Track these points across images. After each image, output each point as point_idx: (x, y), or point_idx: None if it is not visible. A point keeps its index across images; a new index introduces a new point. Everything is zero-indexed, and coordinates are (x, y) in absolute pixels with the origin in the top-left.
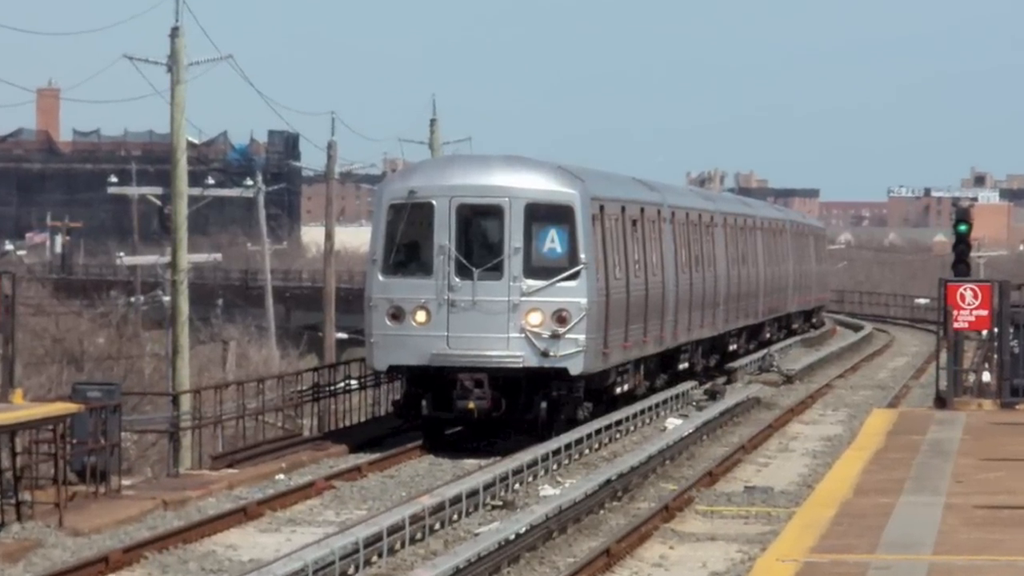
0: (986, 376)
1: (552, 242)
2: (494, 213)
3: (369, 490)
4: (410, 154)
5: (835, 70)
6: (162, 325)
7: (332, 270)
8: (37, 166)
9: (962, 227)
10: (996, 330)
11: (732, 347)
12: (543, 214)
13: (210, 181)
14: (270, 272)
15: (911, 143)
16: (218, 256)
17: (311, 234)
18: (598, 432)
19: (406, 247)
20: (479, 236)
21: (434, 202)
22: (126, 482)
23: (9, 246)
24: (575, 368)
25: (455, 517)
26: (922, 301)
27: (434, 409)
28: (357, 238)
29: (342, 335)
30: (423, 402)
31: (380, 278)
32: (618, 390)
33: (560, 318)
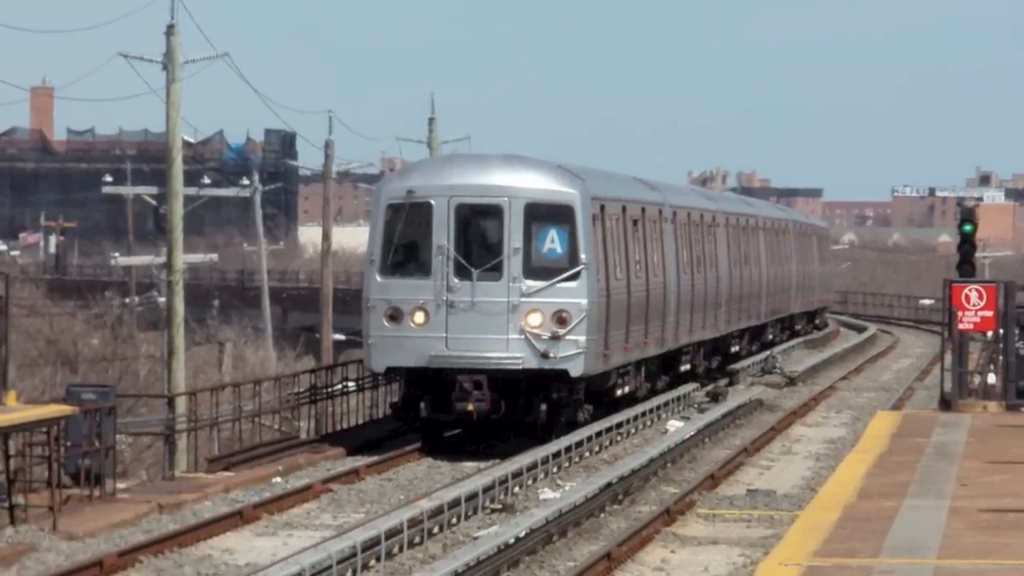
0: (991, 378)
1: (552, 242)
2: (493, 213)
3: (367, 493)
4: (408, 153)
5: (839, 69)
6: (157, 326)
7: (329, 270)
8: (31, 165)
9: (967, 227)
10: (1001, 331)
11: (734, 349)
12: (543, 214)
13: (206, 180)
14: (267, 272)
15: (915, 142)
16: (214, 256)
17: (308, 234)
18: (599, 434)
19: (404, 247)
20: (478, 236)
21: (433, 202)
22: (121, 485)
23: (2, 246)
24: (575, 370)
25: (454, 520)
26: (926, 302)
27: (433, 411)
28: (355, 238)
29: (340, 336)
30: (421, 404)
31: (378, 279)
32: (619, 392)
33: (560, 319)
